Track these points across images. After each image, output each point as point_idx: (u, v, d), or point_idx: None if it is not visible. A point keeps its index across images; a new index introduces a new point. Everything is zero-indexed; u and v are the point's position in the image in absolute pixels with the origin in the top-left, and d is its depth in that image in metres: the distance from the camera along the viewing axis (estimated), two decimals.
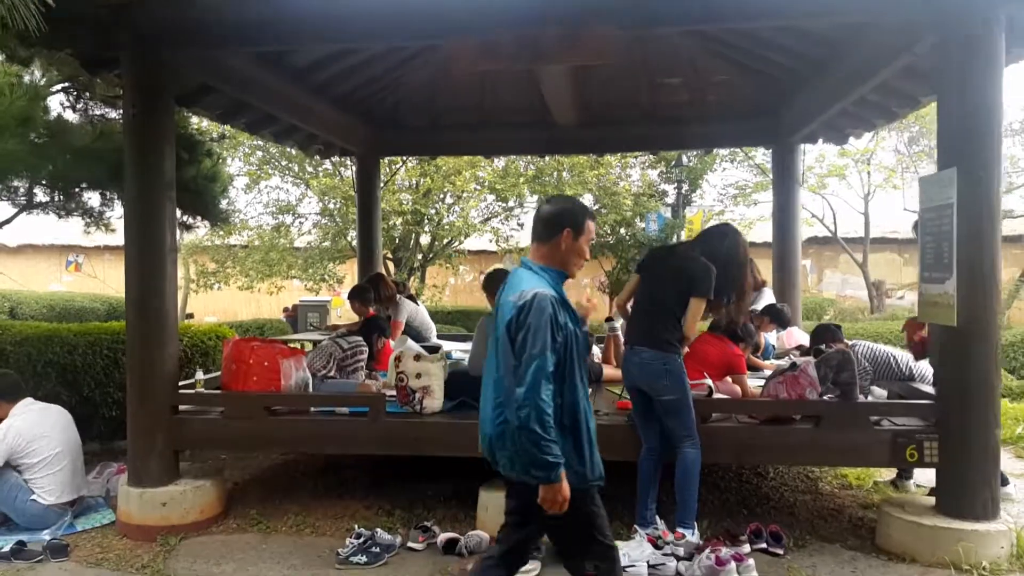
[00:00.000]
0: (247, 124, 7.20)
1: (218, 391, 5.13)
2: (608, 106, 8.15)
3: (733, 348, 5.15)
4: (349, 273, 16.69)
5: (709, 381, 4.65)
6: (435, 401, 4.72)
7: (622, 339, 7.13)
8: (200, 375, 5.11)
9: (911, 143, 18.96)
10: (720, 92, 7.85)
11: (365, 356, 5.35)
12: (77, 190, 8.65)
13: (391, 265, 16.03)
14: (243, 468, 5.79)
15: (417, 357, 4.76)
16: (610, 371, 6.01)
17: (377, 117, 8.51)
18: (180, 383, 5.02)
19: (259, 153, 16.16)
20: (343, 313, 22.66)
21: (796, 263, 8.23)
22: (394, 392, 4.84)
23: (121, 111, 5.46)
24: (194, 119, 8.69)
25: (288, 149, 16.00)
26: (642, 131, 8.43)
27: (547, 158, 14.53)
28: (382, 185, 10.97)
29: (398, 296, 7.12)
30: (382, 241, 16.42)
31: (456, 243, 16.41)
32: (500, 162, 14.74)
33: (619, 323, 8.06)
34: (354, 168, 9.23)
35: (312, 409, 4.84)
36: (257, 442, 4.82)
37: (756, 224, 19.80)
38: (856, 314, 18.44)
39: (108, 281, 19.88)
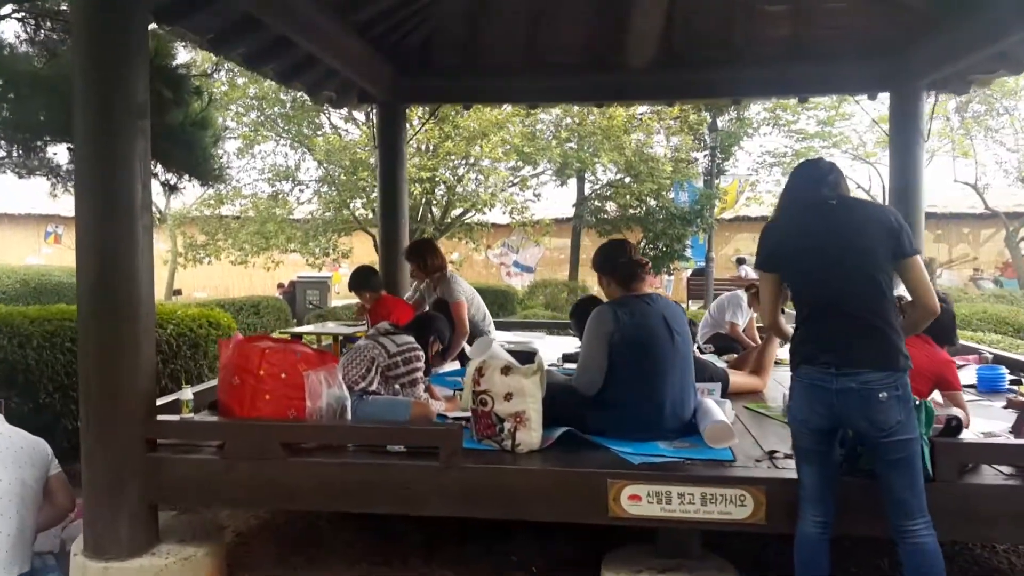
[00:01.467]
0: (246, 55, 5.56)
1: (213, 418, 3.62)
2: (692, 44, 6.61)
3: (941, 352, 3.67)
4: (356, 246, 15.12)
5: (957, 412, 3.15)
6: (533, 434, 3.23)
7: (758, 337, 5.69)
8: (188, 392, 3.56)
9: (959, 110, 17.45)
10: (832, 24, 6.34)
11: (422, 364, 3.84)
12: (39, 143, 7.09)
13: None
14: (249, 512, 4.27)
15: (506, 370, 3.26)
16: (742, 379, 4.55)
17: (403, 54, 6.90)
18: (158, 402, 3.49)
19: (253, 114, 14.52)
20: (341, 289, 21.24)
21: (920, 234, 6.71)
22: (467, 417, 3.36)
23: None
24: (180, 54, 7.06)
25: (287, 106, 14.39)
26: (730, 74, 6.87)
27: (581, 117, 12.94)
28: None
29: (449, 270, 5.60)
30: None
31: (471, 214, 14.87)
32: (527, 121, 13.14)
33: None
34: (374, 118, 7.60)
35: (351, 447, 3.33)
36: (270, 495, 3.28)
37: None
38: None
39: None
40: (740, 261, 19.51)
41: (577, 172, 15.85)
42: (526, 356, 3.98)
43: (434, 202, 14.00)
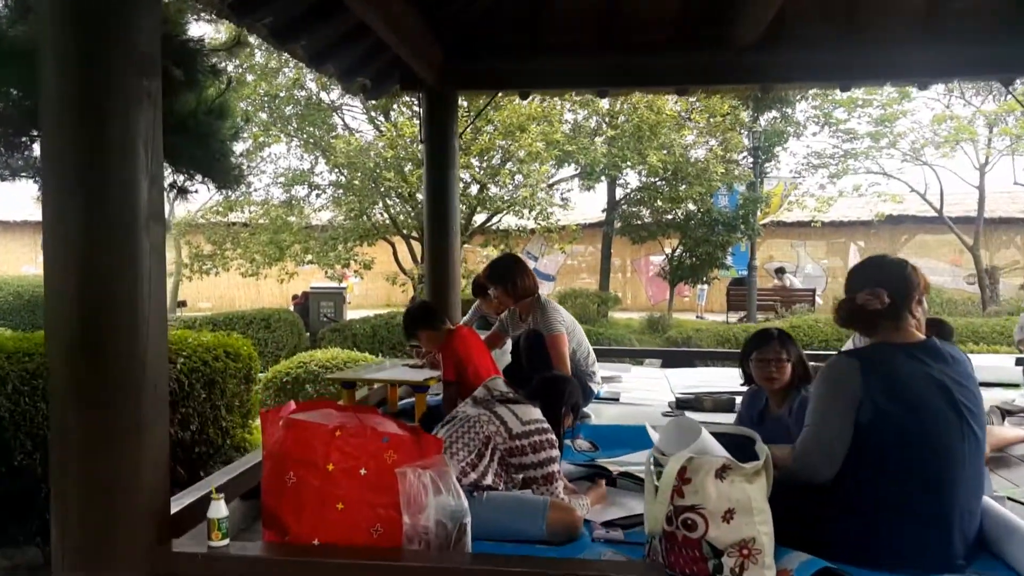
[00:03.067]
0: (273, 26, 4.40)
1: (254, 545, 2.44)
2: (804, 18, 5.46)
3: None
4: (379, 257, 13.93)
5: None
6: (766, 573, 2.04)
7: None
8: (221, 507, 2.31)
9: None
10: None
11: (556, 452, 2.64)
12: (23, 139, 5.95)
13: (416, 246, 13.30)
14: None
15: (723, 472, 2.07)
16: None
17: (455, 31, 5.76)
18: (173, 506, 2.31)
19: (263, 114, 13.35)
20: (354, 300, 20.04)
21: None
22: (634, 537, 2.18)
23: None
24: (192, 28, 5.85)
25: (301, 104, 13.23)
26: (845, 55, 5.72)
27: (628, 113, 11.74)
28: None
29: (543, 294, 4.41)
30: (410, 216, 13.83)
31: (501, 217, 13.67)
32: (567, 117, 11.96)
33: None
34: (421, 110, 6.43)
35: None
36: None
37: (836, 200, 17.19)
38: (963, 307, 15.84)
39: None
40: (780, 271, 18.33)
41: (609, 175, 14.71)
42: (740, 440, 2.79)
43: (464, 204, 12.81)
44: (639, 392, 5.04)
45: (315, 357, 8.18)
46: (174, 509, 2.30)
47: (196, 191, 5.52)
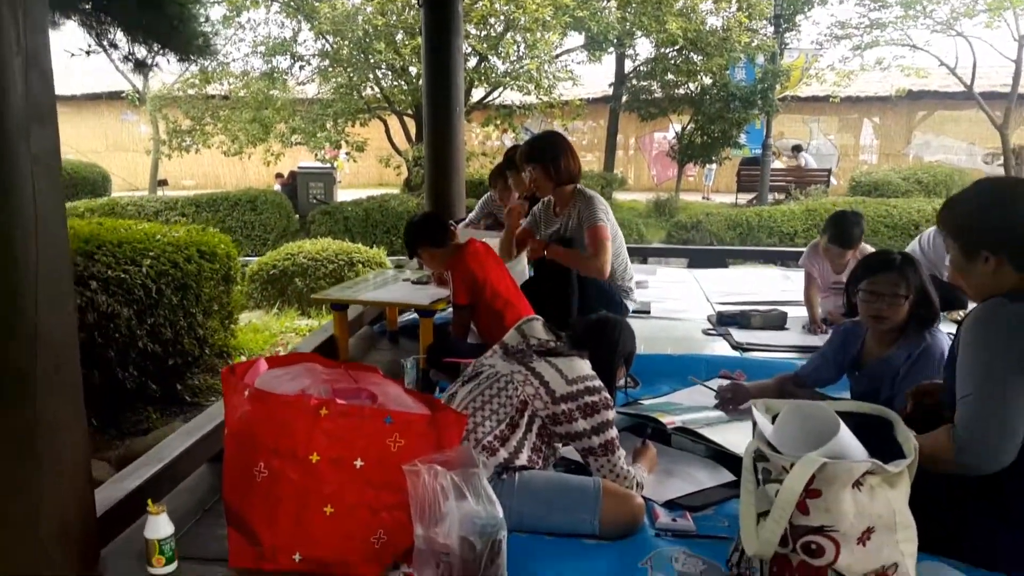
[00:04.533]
0: None
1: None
2: None
3: None
4: (371, 135, 12.99)
5: None
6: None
7: None
8: (162, 524, 1.68)
9: None
10: None
11: (612, 413, 2.03)
12: None
13: (411, 124, 12.36)
14: None
15: (861, 481, 1.47)
16: None
17: None
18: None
19: None
20: (344, 179, 19.14)
21: None
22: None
23: None
24: None
25: None
26: None
27: None
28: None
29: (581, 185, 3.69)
30: (404, 92, 12.77)
31: (499, 93, 12.68)
32: None
33: None
34: None
35: None
36: None
37: (858, 74, 16.10)
38: None
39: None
40: (797, 148, 17.43)
41: (619, 46, 13.58)
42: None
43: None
44: (670, 302, 4.43)
45: (304, 248, 7.52)
46: (109, 497, 1.72)
47: (156, 65, 4.70)
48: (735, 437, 2.37)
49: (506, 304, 3.08)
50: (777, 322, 3.89)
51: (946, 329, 2.52)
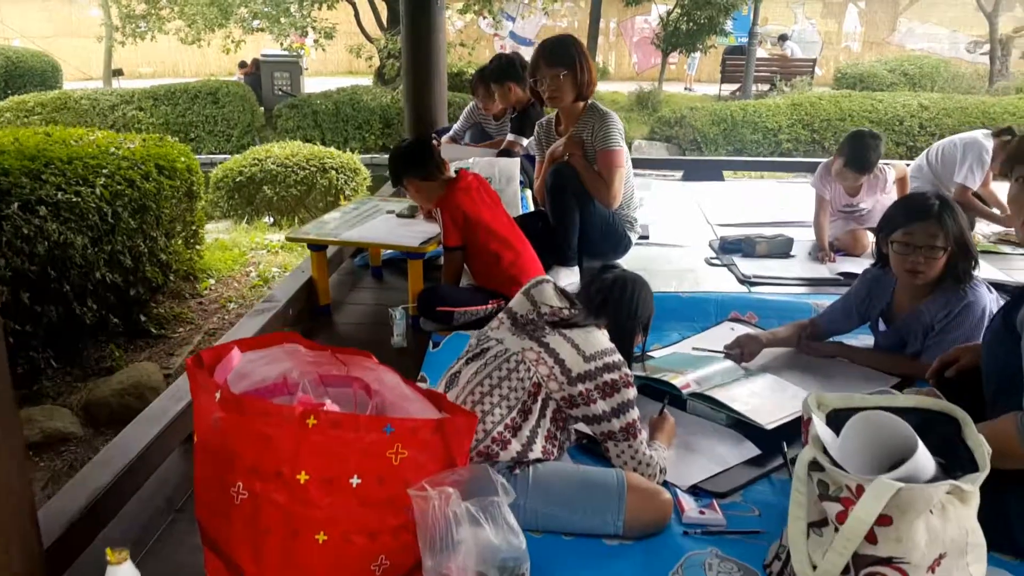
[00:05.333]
0: None
1: None
2: None
3: None
4: (339, 19, 12.17)
5: None
6: None
7: None
8: (125, 573, 1.42)
9: None
10: None
11: (634, 391, 1.80)
12: None
13: (382, 7, 11.53)
14: None
15: (943, 503, 1.27)
16: None
17: None
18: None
19: None
20: (311, 67, 18.19)
21: None
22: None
23: None
24: None
25: None
26: None
27: None
28: None
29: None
30: None
31: None
32: None
33: None
34: None
35: None
36: None
37: None
38: (968, 82, 14.71)
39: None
40: (783, 37, 16.79)
41: None
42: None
43: None
44: (669, 225, 4.17)
45: (272, 153, 7.08)
46: (59, 515, 1.48)
47: None
48: (755, 401, 2.18)
49: (502, 244, 2.81)
50: (784, 248, 3.67)
51: None
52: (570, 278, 3.25)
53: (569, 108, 3.20)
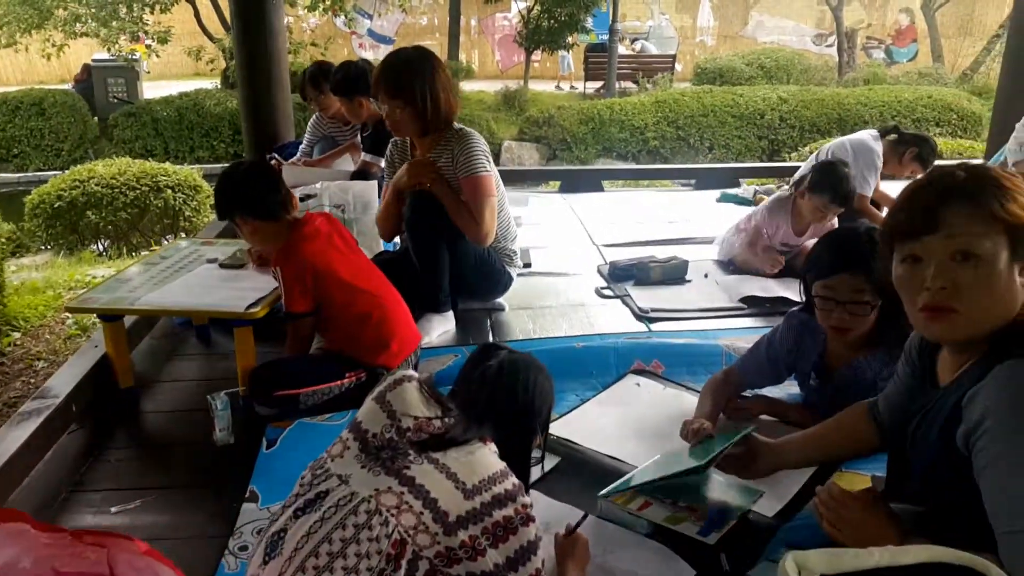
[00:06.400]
0: None
1: None
2: None
3: None
4: (178, 24, 11.11)
5: None
6: None
7: None
8: None
9: None
10: None
11: (533, 520, 1.32)
12: None
13: (224, 3, 10.59)
14: None
15: None
16: None
17: None
18: None
19: None
20: (154, 70, 16.76)
21: None
22: None
23: None
24: None
25: None
26: None
27: None
28: None
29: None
30: None
31: None
32: None
33: None
34: None
35: None
36: None
37: None
38: (820, 74, 15.23)
39: None
40: (635, 40, 16.86)
41: None
42: None
43: None
44: (553, 249, 3.73)
45: (96, 172, 6.17)
46: None
47: None
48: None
49: (366, 301, 2.26)
50: (679, 272, 3.30)
51: None
52: (445, 326, 2.75)
53: (423, 126, 2.66)
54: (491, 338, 2.72)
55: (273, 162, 4.00)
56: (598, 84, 15.31)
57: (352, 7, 14.64)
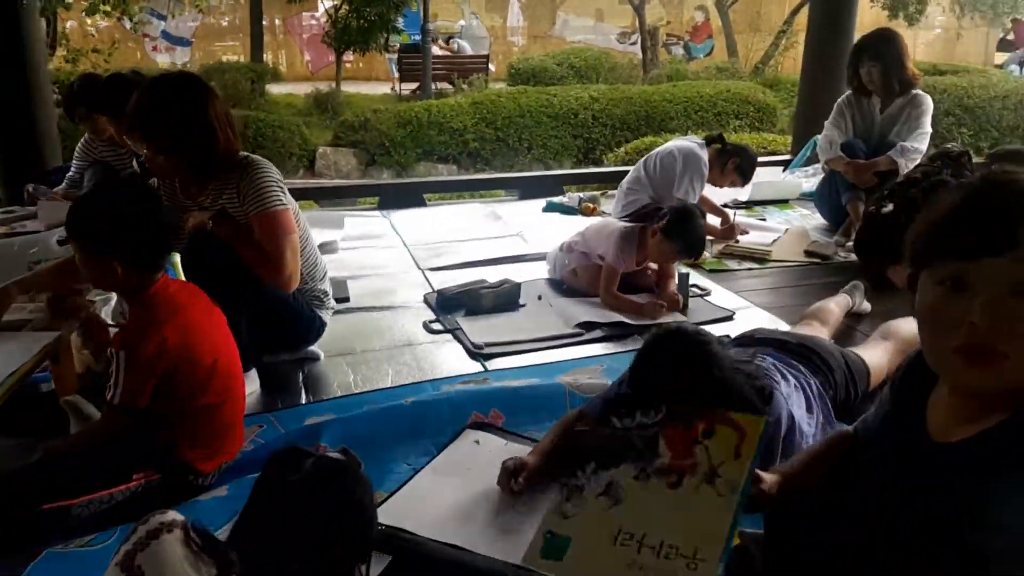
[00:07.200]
0: None
1: None
2: None
3: None
4: None
5: None
6: None
7: None
8: None
9: None
10: None
11: None
12: None
13: None
14: None
15: None
16: None
17: None
18: None
19: None
20: None
21: None
22: None
23: None
24: None
25: None
26: None
27: None
28: None
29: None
30: None
31: None
32: None
33: None
34: None
35: None
36: None
37: None
38: (626, 73, 15.71)
39: None
40: (449, 39, 16.70)
41: None
42: None
43: None
44: (374, 279, 3.39)
45: None
46: None
47: None
48: None
49: (223, 386, 1.84)
50: (512, 298, 3.08)
51: None
52: (247, 387, 2.34)
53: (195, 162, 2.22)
54: (304, 397, 2.35)
55: (30, 192, 3.39)
56: (414, 85, 14.99)
57: (140, 8, 13.39)
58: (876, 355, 2.34)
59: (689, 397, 1.52)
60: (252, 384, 2.37)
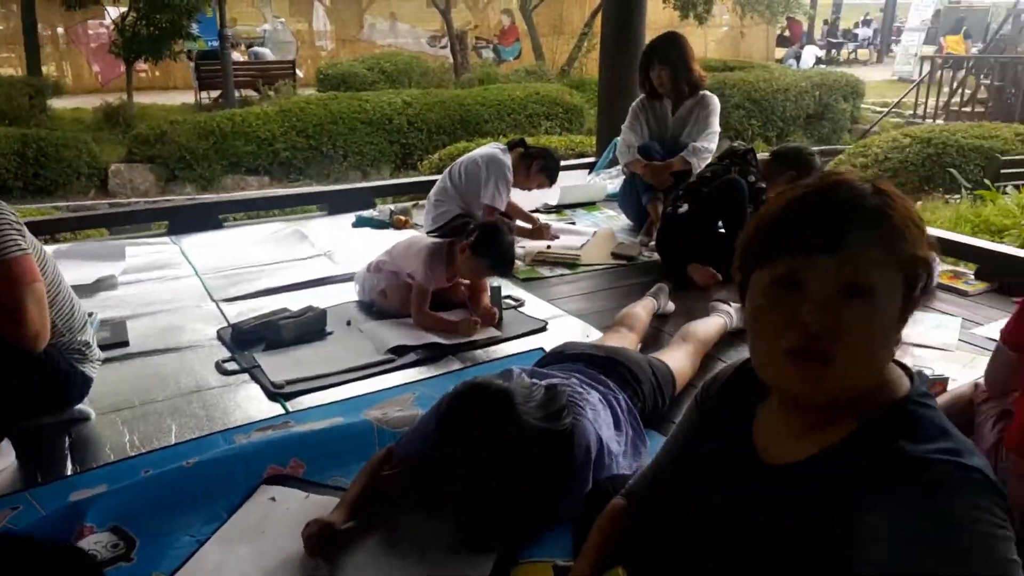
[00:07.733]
0: None
1: None
2: None
3: None
4: None
5: None
6: None
7: None
8: None
9: None
10: None
11: None
12: None
13: None
14: None
15: None
16: None
17: None
18: None
19: None
20: None
21: None
22: None
23: None
24: None
25: None
26: None
27: None
28: None
29: None
30: None
31: None
32: None
33: None
34: None
35: None
36: None
37: None
38: (439, 76, 15.65)
39: None
40: (249, 46, 15.94)
41: None
42: None
43: None
44: (162, 318, 3.06)
45: None
46: None
47: None
48: None
49: None
50: (318, 325, 2.88)
51: None
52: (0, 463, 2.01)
53: None
54: (70, 467, 2.04)
55: None
56: (216, 93, 14.18)
57: None
58: (678, 358, 2.39)
59: (495, 444, 1.57)
60: (5, 458, 2.03)
